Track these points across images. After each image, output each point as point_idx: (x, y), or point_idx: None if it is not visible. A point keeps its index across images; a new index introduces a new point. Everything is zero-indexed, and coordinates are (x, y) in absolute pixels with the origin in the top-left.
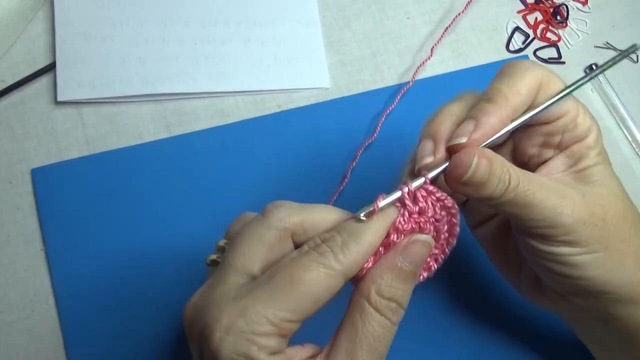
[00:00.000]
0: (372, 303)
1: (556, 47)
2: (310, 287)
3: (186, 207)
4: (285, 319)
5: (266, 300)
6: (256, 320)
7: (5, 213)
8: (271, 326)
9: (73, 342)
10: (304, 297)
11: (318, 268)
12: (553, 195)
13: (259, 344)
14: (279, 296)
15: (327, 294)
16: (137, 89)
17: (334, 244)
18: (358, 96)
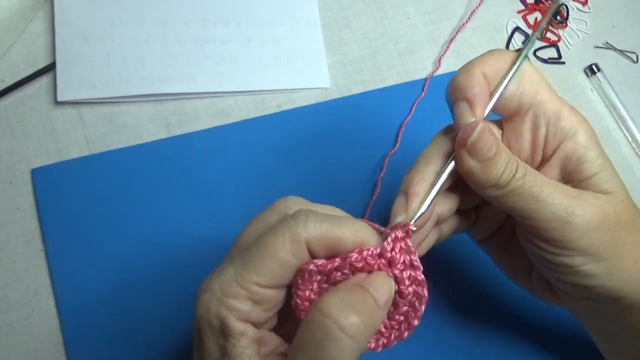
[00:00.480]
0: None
1: (556, 47)
2: (275, 252)
3: (186, 207)
4: (252, 281)
5: (238, 264)
6: (227, 282)
7: (5, 213)
8: (240, 288)
9: (73, 342)
10: (269, 261)
11: (284, 234)
12: (563, 193)
13: (227, 304)
14: (248, 260)
15: (295, 260)
16: (137, 89)
17: (309, 213)
18: (358, 96)
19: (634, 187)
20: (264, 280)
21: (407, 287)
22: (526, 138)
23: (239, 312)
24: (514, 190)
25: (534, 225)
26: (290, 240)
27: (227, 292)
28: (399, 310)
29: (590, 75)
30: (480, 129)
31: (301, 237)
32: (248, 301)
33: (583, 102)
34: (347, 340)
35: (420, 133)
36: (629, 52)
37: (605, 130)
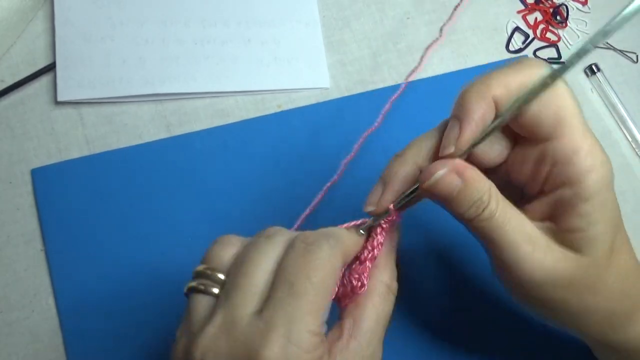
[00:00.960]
0: (392, 289)
1: (556, 47)
2: (328, 285)
3: (186, 207)
4: (321, 322)
5: (299, 313)
6: (302, 339)
7: (5, 213)
8: (315, 336)
9: (73, 342)
10: (323, 294)
11: (329, 259)
12: (524, 244)
13: (313, 357)
14: (306, 304)
15: (339, 273)
16: (137, 89)
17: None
18: (358, 96)
19: (634, 187)
20: (326, 314)
21: None
22: (528, 168)
23: (319, 353)
24: (477, 225)
25: (494, 260)
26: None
27: (308, 347)
28: None
29: (590, 75)
30: (441, 176)
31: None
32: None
33: (583, 102)
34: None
35: (417, 133)
36: (629, 52)
37: (605, 130)
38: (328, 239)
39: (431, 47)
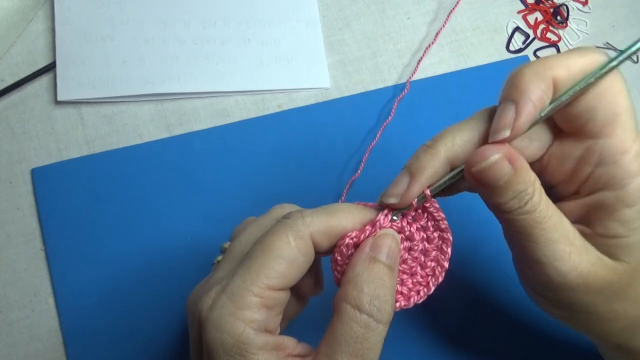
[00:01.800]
0: (351, 301)
1: (556, 47)
2: (281, 251)
3: (186, 206)
4: (264, 285)
5: (244, 272)
6: (237, 293)
7: (5, 213)
8: (253, 296)
9: (73, 342)
10: (277, 262)
11: (286, 232)
12: (562, 244)
13: (243, 317)
14: (254, 266)
15: (301, 256)
16: (137, 89)
17: (305, 212)
18: (358, 96)
19: None
20: (276, 282)
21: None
22: (568, 166)
23: (257, 322)
24: (516, 218)
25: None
26: (294, 237)
27: (241, 303)
28: (428, 256)
29: None
30: (494, 161)
31: (304, 233)
32: (263, 308)
33: None
34: (383, 326)
35: (417, 132)
36: None
37: None
38: (299, 215)
39: (426, 50)
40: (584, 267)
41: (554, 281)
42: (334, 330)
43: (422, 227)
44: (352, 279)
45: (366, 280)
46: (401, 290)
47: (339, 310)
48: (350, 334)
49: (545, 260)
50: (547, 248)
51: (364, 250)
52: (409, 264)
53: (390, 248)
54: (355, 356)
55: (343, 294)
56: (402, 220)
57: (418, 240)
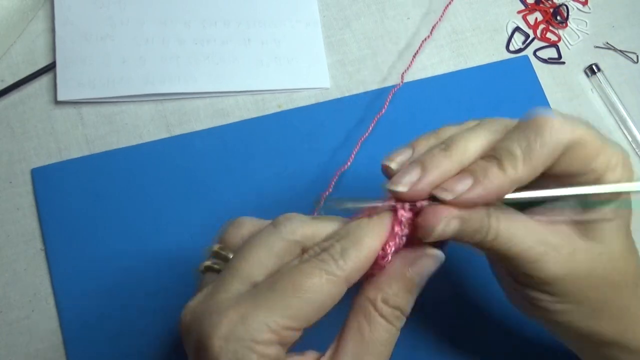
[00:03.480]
0: (379, 310)
1: (556, 47)
2: (312, 294)
3: (186, 207)
4: (286, 326)
5: (267, 307)
6: (257, 328)
7: (5, 213)
8: (272, 334)
9: (73, 342)
10: (305, 304)
11: (320, 274)
12: (535, 247)
13: (258, 352)
14: (280, 303)
15: (330, 300)
16: (137, 89)
17: (334, 251)
18: (358, 96)
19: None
20: (298, 324)
21: None
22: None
23: (269, 357)
24: (487, 247)
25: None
26: (328, 281)
27: (260, 339)
28: None
29: (590, 75)
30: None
31: (340, 277)
32: (277, 346)
33: (583, 102)
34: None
35: (417, 132)
36: (629, 52)
37: (605, 130)
38: (332, 258)
39: (422, 45)
40: (565, 256)
41: (545, 280)
42: (362, 331)
43: None
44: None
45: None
46: None
47: (367, 313)
48: (378, 339)
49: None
50: (525, 257)
51: (405, 266)
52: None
53: (428, 269)
54: (380, 357)
55: (372, 299)
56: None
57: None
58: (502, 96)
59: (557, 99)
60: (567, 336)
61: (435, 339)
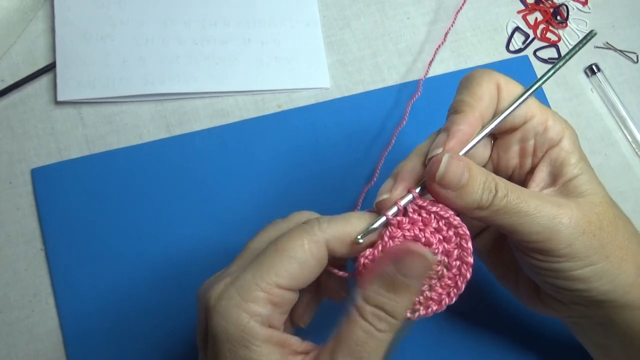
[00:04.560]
0: (358, 308)
1: (556, 47)
2: (294, 253)
3: (186, 207)
4: (273, 283)
5: (254, 267)
6: (245, 287)
7: (5, 213)
8: (261, 292)
9: (73, 342)
10: (288, 262)
11: (301, 236)
12: (548, 204)
13: (248, 310)
14: (266, 264)
15: (312, 260)
16: (137, 89)
17: (322, 219)
18: (358, 96)
19: (634, 187)
20: (285, 281)
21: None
22: (514, 149)
23: (261, 316)
24: (499, 209)
25: (524, 239)
26: (309, 241)
27: (248, 296)
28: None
29: (590, 75)
30: (447, 161)
31: (319, 238)
32: (269, 304)
33: (583, 102)
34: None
35: (417, 132)
36: (629, 52)
37: (605, 130)
38: (316, 222)
39: (436, 51)
40: (574, 213)
41: (559, 242)
42: (340, 330)
43: (435, 229)
44: (365, 285)
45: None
46: (431, 296)
47: (348, 312)
48: (353, 337)
49: (544, 227)
50: (539, 215)
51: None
52: (435, 269)
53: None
54: (353, 357)
55: (360, 306)
56: (413, 227)
57: (436, 244)
58: None
59: (557, 99)
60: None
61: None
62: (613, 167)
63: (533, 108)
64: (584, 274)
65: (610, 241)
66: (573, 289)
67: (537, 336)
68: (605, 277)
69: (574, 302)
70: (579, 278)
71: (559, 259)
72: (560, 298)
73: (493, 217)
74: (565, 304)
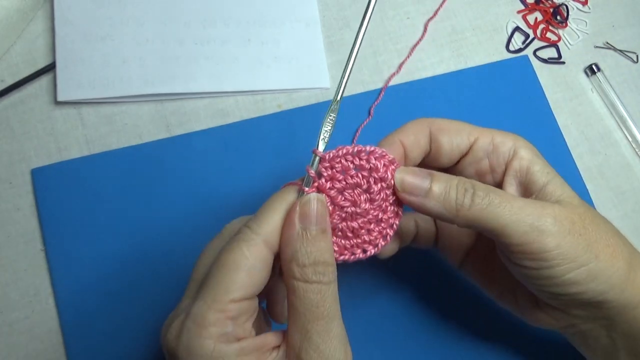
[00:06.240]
0: (299, 277)
1: (556, 47)
2: (237, 264)
3: (186, 207)
4: (226, 300)
5: (204, 293)
6: (200, 314)
7: (5, 213)
8: (216, 313)
9: (73, 342)
10: (235, 275)
11: (239, 245)
12: (531, 204)
13: (210, 335)
14: (212, 283)
15: (258, 263)
16: (137, 89)
17: (249, 221)
18: (358, 96)
19: (634, 187)
20: (237, 294)
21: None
22: (470, 171)
23: (226, 335)
24: (483, 210)
25: (512, 242)
26: (247, 247)
27: (204, 322)
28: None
29: (590, 75)
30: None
31: (256, 240)
32: (228, 321)
33: (583, 102)
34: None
35: None
36: (629, 52)
37: (605, 130)
38: (246, 227)
39: (416, 45)
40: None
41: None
42: (295, 306)
43: (357, 167)
44: (293, 255)
45: (305, 254)
46: (370, 239)
47: (292, 288)
48: (309, 304)
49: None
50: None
51: (294, 224)
52: (373, 214)
53: (318, 211)
54: (322, 318)
55: (290, 272)
56: (333, 182)
57: (368, 182)
58: (502, 96)
59: (557, 99)
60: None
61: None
62: (613, 167)
63: (473, 132)
64: (578, 277)
65: (596, 240)
66: (569, 292)
67: (537, 343)
68: (599, 277)
69: (573, 307)
70: (574, 281)
71: (550, 262)
72: (559, 305)
73: (480, 221)
74: (565, 312)
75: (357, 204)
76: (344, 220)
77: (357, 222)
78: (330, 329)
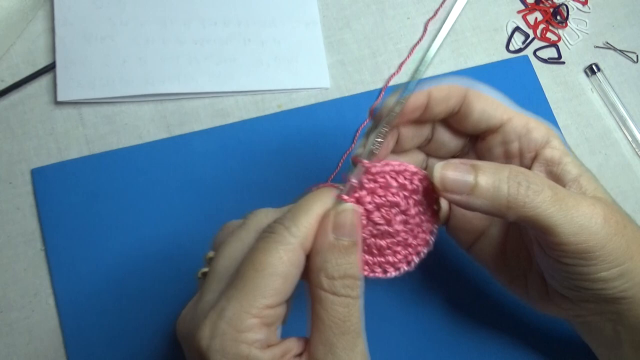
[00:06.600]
0: (327, 289)
1: (556, 47)
2: (274, 269)
3: (186, 207)
4: (262, 306)
5: (239, 296)
6: (235, 317)
7: (5, 213)
8: (252, 318)
9: (73, 342)
10: (272, 280)
11: (276, 248)
12: (583, 201)
13: (246, 340)
14: (249, 287)
15: (294, 269)
16: (137, 89)
17: (284, 219)
18: (358, 96)
19: (634, 187)
20: (272, 300)
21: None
22: (498, 151)
23: (260, 342)
24: (537, 208)
25: (560, 241)
26: (285, 251)
27: (241, 327)
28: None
29: (590, 75)
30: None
31: (294, 245)
32: (263, 327)
33: (583, 102)
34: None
35: None
36: (629, 52)
37: (605, 130)
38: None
39: (416, 45)
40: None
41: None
42: (320, 316)
43: (400, 185)
44: (322, 266)
45: (335, 266)
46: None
47: (318, 297)
48: (336, 317)
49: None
50: (578, 215)
51: (327, 234)
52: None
53: (353, 223)
54: (348, 333)
55: (318, 282)
56: (374, 196)
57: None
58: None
59: (557, 99)
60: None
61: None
62: (613, 167)
63: (508, 111)
64: (610, 275)
65: (633, 240)
66: (594, 288)
67: (540, 336)
68: (627, 275)
69: (586, 301)
70: (604, 279)
71: (591, 261)
72: (574, 297)
73: (530, 217)
74: (575, 303)
75: (391, 223)
76: (373, 237)
77: (385, 240)
78: (356, 345)
